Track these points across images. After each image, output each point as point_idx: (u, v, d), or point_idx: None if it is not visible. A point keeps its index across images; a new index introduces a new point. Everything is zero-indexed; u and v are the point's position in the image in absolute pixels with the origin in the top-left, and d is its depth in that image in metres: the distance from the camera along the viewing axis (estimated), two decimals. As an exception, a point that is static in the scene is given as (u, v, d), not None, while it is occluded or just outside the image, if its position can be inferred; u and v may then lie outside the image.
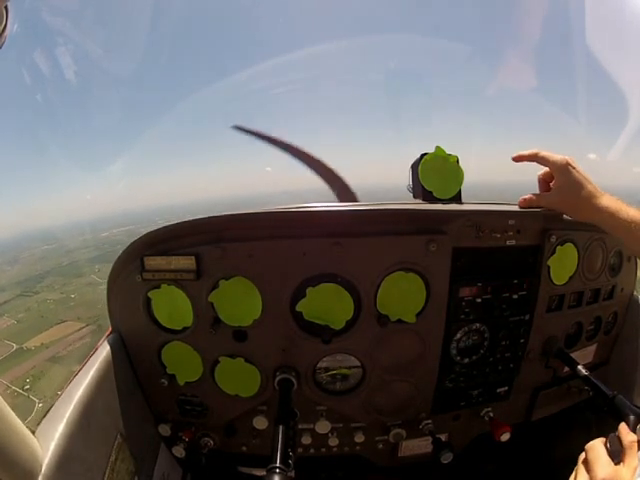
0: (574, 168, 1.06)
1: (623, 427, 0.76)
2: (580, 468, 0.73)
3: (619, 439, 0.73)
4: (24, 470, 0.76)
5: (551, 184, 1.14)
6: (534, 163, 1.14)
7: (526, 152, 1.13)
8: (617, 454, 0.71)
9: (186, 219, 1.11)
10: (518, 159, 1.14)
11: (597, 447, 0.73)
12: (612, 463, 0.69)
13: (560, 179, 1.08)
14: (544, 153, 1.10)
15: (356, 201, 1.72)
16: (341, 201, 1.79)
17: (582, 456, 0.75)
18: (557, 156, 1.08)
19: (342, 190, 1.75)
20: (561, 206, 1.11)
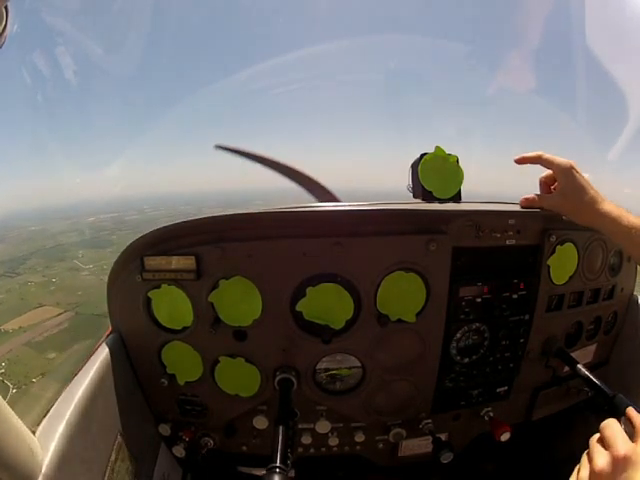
0: (577, 172, 1.06)
1: (631, 410, 0.75)
2: (596, 447, 0.71)
3: (630, 421, 0.73)
4: (24, 470, 0.76)
5: (552, 187, 1.14)
6: (535, 167, 1.14)
7: (529, 154, 1.12)
8: (630, 435, 0.71)
9: (187, 219, 1.12)
10: (521, 161, 1.14)
11: (614, 424, 0.72)
12: (629, 440, 0.69)
13: (563, 182, 1.07)
14: (548, 156, 1.09)
15: (337, 200, 1.76)
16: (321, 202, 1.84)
17: (595, 437, 0.74)
18: (561, 159, 1.07)
19: (322, 193, 1.80)
20: (563, 209, 1.11)
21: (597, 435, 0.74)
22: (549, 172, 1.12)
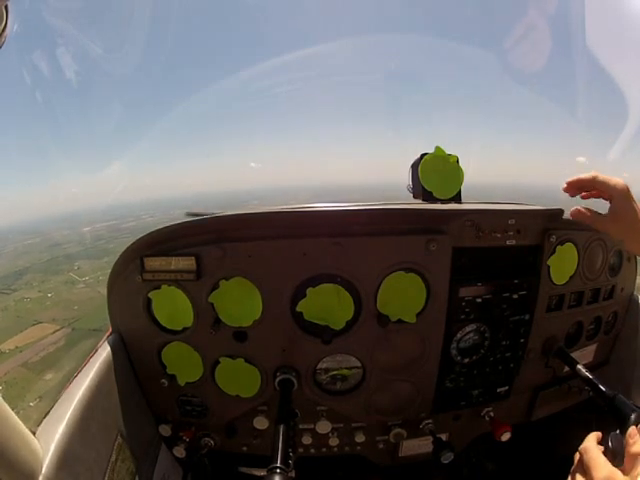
0: (631, 197, 0.97)
1: (632, 435, 0.73)
2: (576, 474, 0.72)
3: (622, 440, 0.72)
4: (24, 470, 0.76)
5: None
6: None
7: (584, 176, 0.99)
8: (618, 453, 0.70)
9: (186, 219, 1.11)
10: (575, 184, 1.00)
11: (591, 450, 0.72)
12: (609, 463, 0.68)
13: (616, 205, 0.98)
14: (603, 177, 0.97)
15: None
16: None
17: (577, 456, 0.74)
18: (616, 180, 0.97)
19: None
20: (613, 232, 1.00)
21: (578, 456, 0.74)
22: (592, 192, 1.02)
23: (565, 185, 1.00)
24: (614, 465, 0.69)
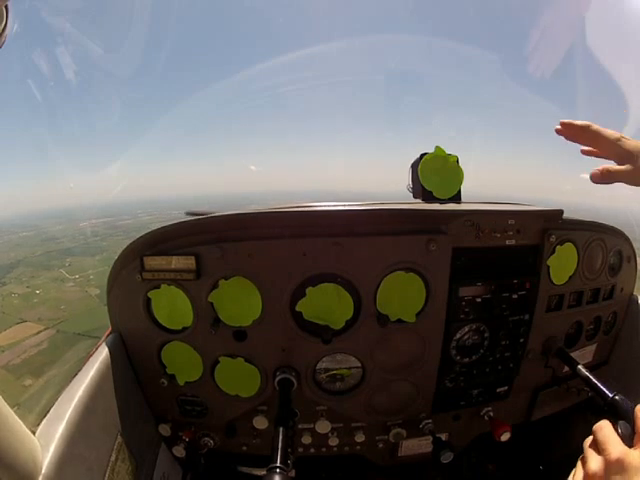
0: (628, 139, 0.95)
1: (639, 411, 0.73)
2: (589, 451, 0.71)
3: (630, 428, 0.72)
4: (24, 470, 0.76)
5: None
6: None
7: (577, 121, 0.99)
8: (627, 438, 0.70)
9: (186, 219, 1.11)
10: (567, 126, 0.98)
11: (606, 427, 0.72)
12: (622, 443, 0.68)
13: (617, 151, 0.94)
14: (597, 126, 0.97)
15: None
16: None
17: (589, 440, 0.74)
18: (610, 132, 0.96)
19: None
20: (630, 176, 0.94)
21: (590, 438, 0.74)
22: (589, 148, 1.01)
23: (559, 126, 0.98)
24: None
